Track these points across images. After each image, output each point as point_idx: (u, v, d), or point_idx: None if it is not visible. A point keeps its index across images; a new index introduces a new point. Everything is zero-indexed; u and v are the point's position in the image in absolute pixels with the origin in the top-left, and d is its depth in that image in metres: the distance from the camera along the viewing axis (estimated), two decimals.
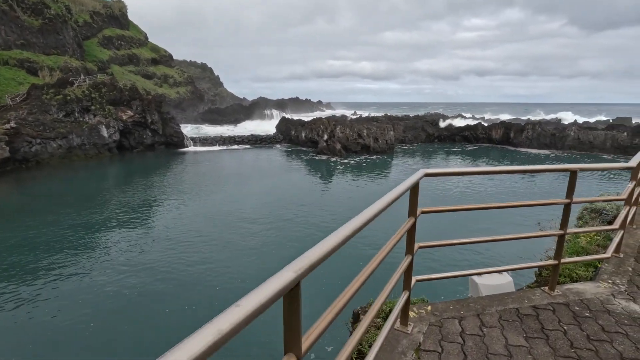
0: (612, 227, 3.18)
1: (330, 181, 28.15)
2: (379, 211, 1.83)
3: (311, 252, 1.16)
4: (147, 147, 40.02)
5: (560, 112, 72.41)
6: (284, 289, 0.98)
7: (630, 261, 3.75)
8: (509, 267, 2.93)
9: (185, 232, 16.33)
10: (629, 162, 2.91)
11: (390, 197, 2.00)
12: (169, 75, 58.74)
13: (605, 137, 39.73)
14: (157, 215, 19.06)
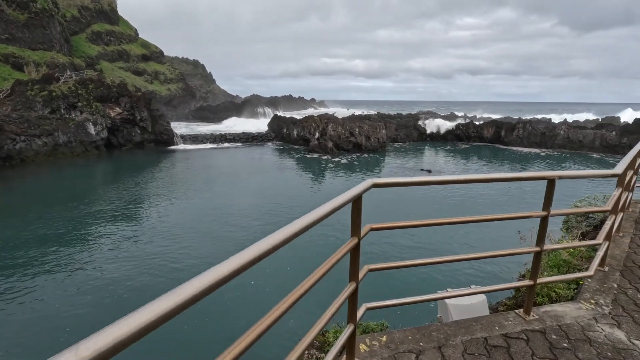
0: (594, 242, 2.81)
1: (321, 180, 27.75)
2: (298, 231, 1.41)
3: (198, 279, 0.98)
4: (136, 144, 39.19)
5: (547, 114, 72.72)
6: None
7: (616, 276, 3.39)
8: (477, 290, 2.54)
9: (174, 231, 15.98)
10: (614, 169, 2.54)
11: (320, 214, 1.59)
12: (159, 71, 57.63)
13: (595, 136, 39.85)
14: (146, 214, 18.56)
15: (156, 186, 24.45)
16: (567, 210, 2.51)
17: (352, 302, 2.00)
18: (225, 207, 19.48)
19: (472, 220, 2.35)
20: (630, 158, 2.72)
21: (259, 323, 1.27)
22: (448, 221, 2.29)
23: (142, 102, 39.33)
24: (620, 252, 3.98)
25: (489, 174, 2.32)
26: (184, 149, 39.87)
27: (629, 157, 2.82)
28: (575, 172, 2.47)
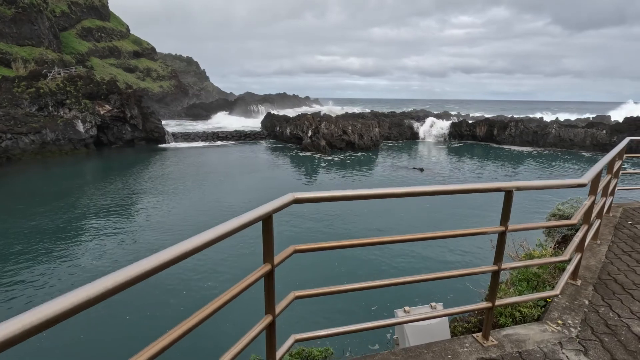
0: (560, 259, 2.53)
1: (313, 178, 27.45)
2: (192, 250, 1.23)
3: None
4: (126, 142, 38.57)
5: (541, 112, 72.98)
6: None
7: (588, 290, 3.13)
8: (433, 314, 2.27)
9: (163, 229, 15.69)
10: (581, 178, 2.27)
11: (222, 231, 1.31)
12: (151, 68, 56.78)
13: (585, 134, 39.91)
14: (135, 213, 18.22)
15: (146, 185, 24.03)
16: (527, 225, 2.23)
17: (270, 337, 1.70)
18: (216, 206, 19.14)
19: (421, 238, 2.06)
20: (599, 168, 2.44)
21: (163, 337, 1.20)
22: (392, 240, 2.00)
23: (132, 99, 38.68)
24: (596, 263, 3.73)
25: (438, 185, 2.03)
26: (176, 147, 39.32)
27: (599, 166, 2.54)
28: (536, 182, 2.19)
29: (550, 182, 2.19)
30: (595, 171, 2.43)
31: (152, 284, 10.54)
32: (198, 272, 11.68)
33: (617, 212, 5.52)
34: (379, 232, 15.51)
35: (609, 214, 5.31)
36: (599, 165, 2.53)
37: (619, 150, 4.07)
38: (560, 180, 2.22)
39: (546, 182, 2.19)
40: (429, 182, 27.07)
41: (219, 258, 12.50)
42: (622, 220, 5.16)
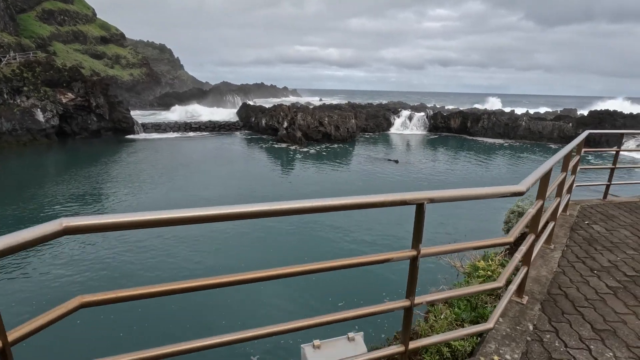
0: (495, 286, 1.98)
1: (288, 171, 26.69)
2: None
3: None
4: (92, 133, 36.30)
5: (511, 106, 74.83)
6: None
7: (535, 310, 2.66)
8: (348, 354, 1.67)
9: None
10: (518, 185, 1.73)
11: None
12: (121, 55, 53.50)
13: (553, 127, 40.95)
14: (98, 207, 16.93)
15: (111, 178, 22.58)
16: (446, 248, 1.67)
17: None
18: (183, 201, 18.08)
19: (301, 271, 1.45)
20: (541, 173, 1.88)
21: None
22: (254, 277, 1.38)
23: (97, 87, 36.31)
24: (547, 273, 3.29)
25: (323, 200, 1.42)
26: (145, 138, 37.40)
27: (541, 170, 1.98)
28: (456, 191, 1.62)
29: (475, 191, 1.63)
30: (534, 178, 1.89)
31: None
32: None
33: (575, 210, 5.18)
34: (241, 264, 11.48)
35: (566, 213, 4.95)
36: (542, 169, 1.98)
37: (574, 145, 3.62)
38: (491, 189, 1.67)
39: (470, 191, 1.62)
40: (399, 176, 26.88)
41: None
42: (579, 219, 4.80)
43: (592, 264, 3.52)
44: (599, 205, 5.44)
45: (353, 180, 24.52)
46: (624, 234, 4.32)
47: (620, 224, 4.67)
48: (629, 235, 4.28)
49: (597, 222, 4.71)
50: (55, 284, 10.08)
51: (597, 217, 4.94)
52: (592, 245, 3.97)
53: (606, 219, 4.88)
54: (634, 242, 4.10)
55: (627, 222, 4.78)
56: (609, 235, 4.28)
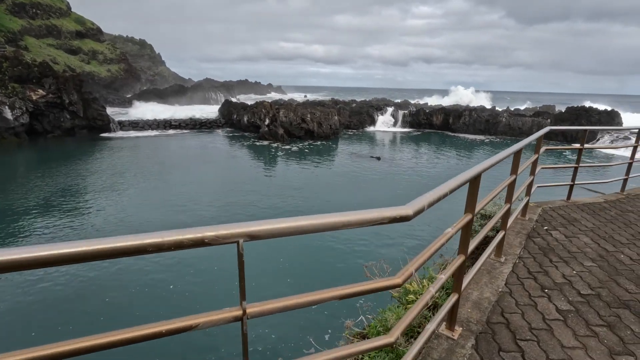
0: (384, 342, 1.46)
1: (268, 169, 26.01)
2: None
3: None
4: (65, 131, 34.68)
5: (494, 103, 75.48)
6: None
7: (466, 349, 2.17)
8: None
9: (99, 227, 13.90)
10: (404, 206, 1.21)
11: None
12: (97, 51, 51.33)
13: (532, 123, 41.37)
14: (68, 210, 15.97)
15: (83, 178, 21.51)
16: (270, 305, 1.12)
17: None
18: (152, 205, 17.24)
19: None
20: (432, 197, 1.30)
21: None
22: None
23: (70, 83, 34.66)
24: (491, 294, 2.82)
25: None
26: (122, 136, 36.03)
27: (437, 193, 1.39)
28: (363, 216, 1.08)
29: (334, 219, 1.10)
30: (433, 196, 1.35)
31: None
32: None
33: (536, 213, 4.77)
34: None
35: (525, 217, 4.53)
36: (437, 192, 1.39)
37: (524, 144, 3.16)
38: (357, 214, 1.14)
39: (325, 219, 1.09)
40: (380, 174, 26.57)
41: None
42: (538, 225, 4.39)
43: (544, 280, 3.08)
44: (561, 208, 5.05)
45: (334, 178, 24.07)
46: (584, 242, 3.92)
47: (581, 229, 4.28)
48: (589, 243, 3.88)
49: (556, 228, 4.30)
50: None
51: (557, 221, 4.53)
52: (548, 255, 3.54)
53: (567, 223, 4.48)
54: (593, 251, 3.69)
55: (588, 226, 4.39)
56: (567, 243, 3.87)
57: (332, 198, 18.59)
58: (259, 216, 15.78)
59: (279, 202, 17.90)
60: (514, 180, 3.07)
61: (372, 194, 19.68)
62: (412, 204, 1.28)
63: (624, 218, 4.73)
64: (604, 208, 5.14)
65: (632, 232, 4.24)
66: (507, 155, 2.63)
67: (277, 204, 17.71)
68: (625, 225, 4.49)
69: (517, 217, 4.52)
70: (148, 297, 9.69)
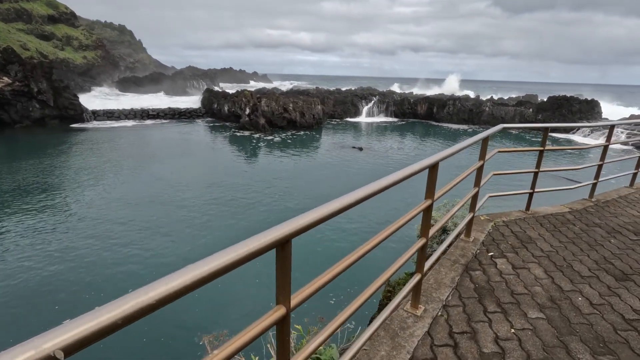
0: None
1: (248, 161, 24.84)
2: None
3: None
4: (35, 121, 32.66)
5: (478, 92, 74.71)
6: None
7: None
8: None
9: (68, 225, 12.81)
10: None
11: None
12: (72, 36, 48.27)
13: (515, 112, 40.80)
14: (32, 208, 14.63)
15: (51, 172, 20.02)
16: None
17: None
18: (120, 201, 16.00)
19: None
20: None
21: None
22: None
23: (39, 70, 32.46)
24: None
25: None
26: (97, 127, 34.18)
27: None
28: None
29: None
30: None
31: None
32: None
33: (485, 230, 3.88)
34: None
35: (469, 238, 3.62)
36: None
37: (468, 145, 2.22)
38: None
39: None
40: (361, 164, 25.69)
41: None
42: (484, 249, 3.49)
43: (467, 348, 2.17)
44: (518, 222, 4.17)
45: (314, 170, 23.09)
46: (535, 275, 3.03)
47: (535, 255, 3.40)
48: (541, 277, 3.00)
49: (505, 253, 3.41)
50: None
51: (509, 242, 3.65)
52: (484, 301, 2.64)
53: (520, 245, 3.59)
54: (544, 291, 2.81)
55: (544, 249, 3.51)
56: (513, 278, 2.98)
57: (311, 192, 17.62)
58: (241, 214, 14.74)
59: (260, 197, 16.89)
60: (429, 205, 2.12)
61: (351, 186, 18.74)
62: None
63: (589, 236, 3.88)
64: (568, 221, 4.28)
65: (596, 258, 3.38)
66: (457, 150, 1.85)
67: (261, 199, 16.68)
68: (589, 247, 3.63)
69: (461, 238, 3.63)
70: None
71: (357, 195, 1.42)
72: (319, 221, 1.21)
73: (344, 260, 1.44)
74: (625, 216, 4.52)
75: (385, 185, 1.56)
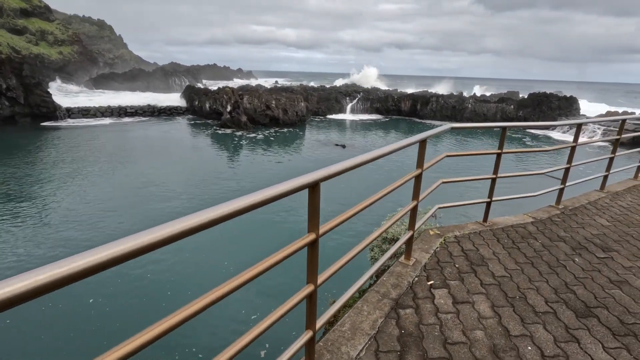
0: None
1: (230, 159, 23.94)
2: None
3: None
4: (5, 120, 30.91)
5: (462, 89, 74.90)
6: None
7: None
8: None
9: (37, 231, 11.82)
10: None
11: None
12: (47, 31, 45.87)
13: (496, 109, 40.80)
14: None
15: (13, 175, 18.74)
16: None
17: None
18: (91, 203, 14.97)
19: None
20: None
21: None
22: None
23: (7, 66, 30.65)
24: None
25: None
26: (71, 125, 32.59)
27: None
28: None
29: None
30: None
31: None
32: None
33: (432, 249, 3.25)
34: None
35: (409, 261, 2.99)
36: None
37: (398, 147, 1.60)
38: None
39: None
40: None
41: None
42: (424, 275, 2.86)
43: None
44: (472, 236, 3.57)
45: (298, 167, 22.39)
46: (478, 313, 2.41)
47: (485, 282, 2.79)
48: (486, 315, 2.37)
49: (449, 280, 2.78)
50: None
51: (456, 265, 3.02)
52: (405, 358, 2.01)
53: (468, 269, 2.98)
54: (487, 338, 2.18)
55: (497, 274, 2.90)
56: (450, 319, 2.34)
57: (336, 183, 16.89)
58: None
59: (241, 195, 16.02)
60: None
61: (331, 183, 18.08)
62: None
63: (551, 254, 3.30)
64: (529, 234, 3.70)
65: (556, 285, 2.79)
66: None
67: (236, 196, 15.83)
68: (550, 269, 3.04)
69: (400, 261, 2.99)
70: None
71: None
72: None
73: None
74: (594, 227, 3.97)
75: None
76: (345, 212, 1.75)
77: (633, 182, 5.80)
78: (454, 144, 31.32)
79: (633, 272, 3.03)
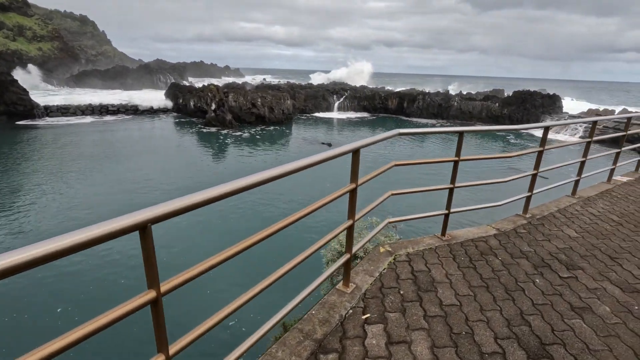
0: None
1: (214, 158, 23.27)
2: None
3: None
4: None
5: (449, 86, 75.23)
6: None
7: None
8: None
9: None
10: None
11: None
12: (25, 26, 43.96)
13: (482, 107, 40.91)
14: None
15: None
16: None
17: None
18: (75, 206, 14.20)
19: None
20: None
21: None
22: None
23: None
24: None
25: None
26: (50, 123, 31.36)
27: None
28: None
29: None
30: None
31: None
32: None
33: (378, 270, 2.87)
34: None
35: (347, 289, 2.57)
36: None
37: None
38: None
39: None
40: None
41: None
42: (361, 306, 2.45)
43: None
44: (425, 254, 3.19)
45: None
46: (414, 356, 2.03)
47: (430, 313, 2.39)
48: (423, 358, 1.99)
49: (389, 312, 2.39)
50: None
51: (401, 291, 2.63)
52: None
53: (414, 295, 2.59)
54: None
55: (446, 302, 2.52)
56: None
57: (273, 189, 16.35)
58: (201, 214, 13.33)
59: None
60: None
61: (315, 182, 17.62)
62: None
63: (510, 274, 2.94)
64: (490, 250, 3.34)
65: (511, 314, 2.42)
66: None
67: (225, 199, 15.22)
68: (506, 293, 2.68)
69: (337, 289, 2.59)
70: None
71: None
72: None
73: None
74: (560, 239, 3.64)
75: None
76: (196, 266, 1.34)
77: (606, 186, 5.54)
78: (413, 147, 30.54)
79: (597, 296, 2.70)
